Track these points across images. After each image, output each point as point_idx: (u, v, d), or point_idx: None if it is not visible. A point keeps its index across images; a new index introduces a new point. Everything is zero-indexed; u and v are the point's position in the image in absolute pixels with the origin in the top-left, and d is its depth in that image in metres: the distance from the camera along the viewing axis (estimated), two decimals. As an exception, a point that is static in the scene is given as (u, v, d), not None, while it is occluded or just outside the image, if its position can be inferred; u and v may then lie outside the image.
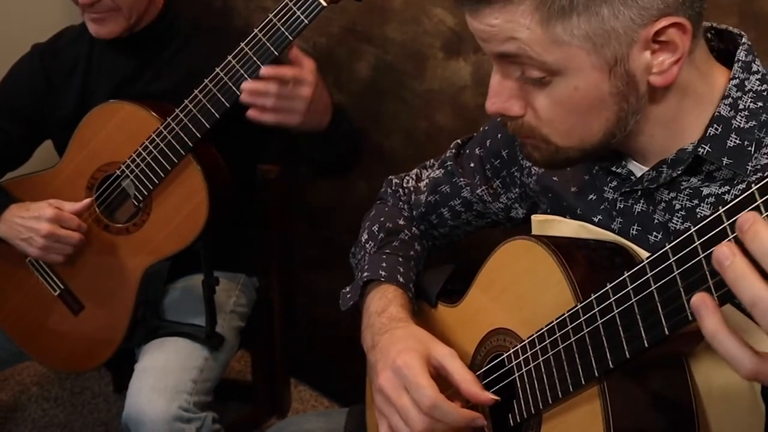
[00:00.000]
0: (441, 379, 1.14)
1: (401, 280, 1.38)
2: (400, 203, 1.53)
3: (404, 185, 1.54)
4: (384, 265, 1.39)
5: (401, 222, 1.50)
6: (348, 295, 1.44)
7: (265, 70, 1.68)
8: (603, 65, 0.96)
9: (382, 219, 1.50)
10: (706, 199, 1.02)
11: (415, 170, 1.55)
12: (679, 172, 1.03)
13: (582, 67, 0.96)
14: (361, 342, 1.34)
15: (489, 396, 1.10)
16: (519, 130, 1.06)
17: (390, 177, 1.59)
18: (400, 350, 1.16)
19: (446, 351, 1.15)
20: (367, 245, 1.48)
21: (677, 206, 1.04)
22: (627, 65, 0.96)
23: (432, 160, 1.53)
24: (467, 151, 1.44)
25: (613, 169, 1.12)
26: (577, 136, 1.02)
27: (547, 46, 0.95)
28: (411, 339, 1.19)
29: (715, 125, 1.01)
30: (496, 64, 1.03)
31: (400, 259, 1.42)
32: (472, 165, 1.42)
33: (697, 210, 1.03)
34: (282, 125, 1.76)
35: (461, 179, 1.43)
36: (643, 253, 1.04)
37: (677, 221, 1.04)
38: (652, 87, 0.98)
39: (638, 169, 1.10)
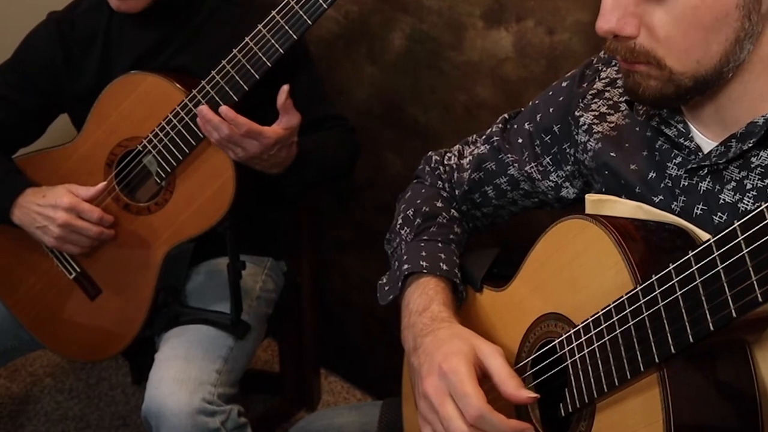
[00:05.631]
0: (489, 378, 1.15)
1: (444, 267, 1.38)
2: (440, 182, 1.53)
3: (445, 162, 1.54)
4: (424, 254, 1.40)
5: (439, 204, 1.50)
6: (386, 288, 1.45)
7: (224, 109, 1.70)
8: None
9: (418, 202, 1.50)
10: None
11: (457, 146, 1.55)
12: (750, 145, 1.03)
13: None
14: (401, 341, 1.35)
15: (527, 395, 1.10)
16: (629, 55, 1.05)
17: (429, 153, 1.58)
18: (445, 354, 1.17)
19: (488, 349, 1.16)
20: (402, 231, 1.48)
21: (748, 186, 1.05)
22: None
23: (475, 136, 1.52)
24: (515, 126, 1.44)
25: (681, 141, 1.12)
26: (695, 57, 1.02)
27: None
28: (455, 340, 1.20)
29: None
30: None
31: (440, 244, 1.42)
32: (520, 141, 1.42)
33: None
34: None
35: (508, 156, 1.43)
36: (705, 236, 1.04)
37: (748, 201, 1.04)
38: None
39: (706, 144, 1.11)
